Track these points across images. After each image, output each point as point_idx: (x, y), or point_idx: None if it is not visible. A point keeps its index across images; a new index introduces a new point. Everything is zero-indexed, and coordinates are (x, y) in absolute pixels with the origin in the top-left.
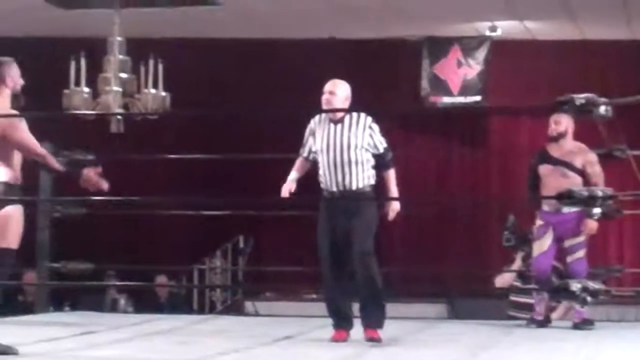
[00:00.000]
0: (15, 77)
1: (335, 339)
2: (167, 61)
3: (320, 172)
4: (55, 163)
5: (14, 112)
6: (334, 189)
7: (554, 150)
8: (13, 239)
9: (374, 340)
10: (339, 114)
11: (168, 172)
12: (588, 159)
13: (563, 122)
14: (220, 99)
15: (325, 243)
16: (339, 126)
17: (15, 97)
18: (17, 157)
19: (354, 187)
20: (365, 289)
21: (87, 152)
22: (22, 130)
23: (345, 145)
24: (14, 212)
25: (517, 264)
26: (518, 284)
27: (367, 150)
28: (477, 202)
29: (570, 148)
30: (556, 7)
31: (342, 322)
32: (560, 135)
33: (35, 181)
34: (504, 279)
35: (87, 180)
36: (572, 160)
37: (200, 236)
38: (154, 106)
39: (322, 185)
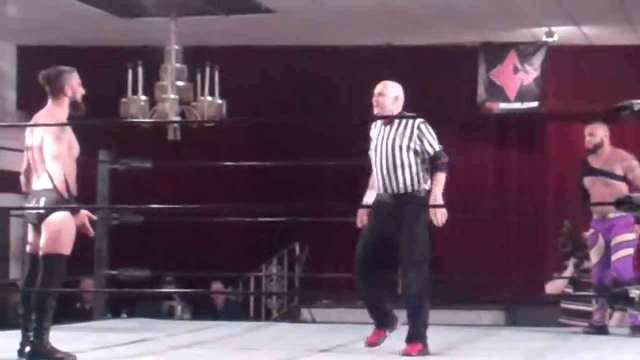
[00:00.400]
0: (75, 86)
1: (368, 343)
2: (223, 69)
3: (373, 174)
4: (61, 188)
5: (61, 121)
6: (382, 191)
7: (594, 162)
8: (66, 246)
9: (406, 355)
10: (380, 114)
11: (225, 180)
12: (628, 165)
13: (598, 134)
14: (276, 107)
15: (360, 245)
16: (388, 128)
17: (74, 106)
18: (69, 166)
19: (401, 191)
20: (405, 304)
21: (145, 160)
22: (60, 143)
23: (391, 147)
24: (66, 220)
25: (570, 271)
26: (570, 290)
27: (416, 152)
28: (534, 209)
29: (609, 157)
30: (614, 12)
31: (377, 323)
32: (597, 147)
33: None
34: (555, 286)
35: (80, 221)
36: (612, 169)
37: (257, 243)
38: (211, 114)
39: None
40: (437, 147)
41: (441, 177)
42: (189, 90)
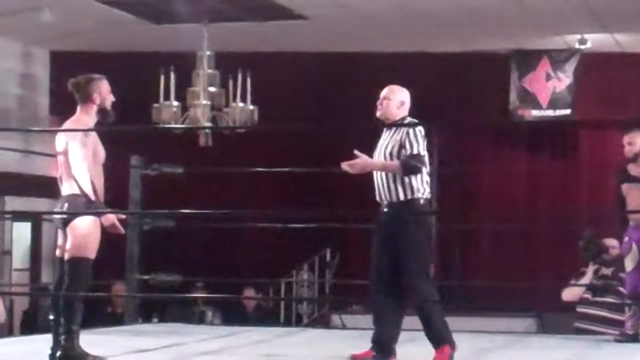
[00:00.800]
0: (104, 93)
1: (352, 357)
2: (255, 75)
3: None
4: (91, 196)
5: (85, 127)
6: (379, 200)
7: (633, 169)
8: (90, 250)
9: None
10: (390, 121)
11: (255, 185)
12: None
13: (637, 142)
14: (307, 113)
15: (372, 266)
16: (386, 134)
17: (103, 113)
18: (95, 171)
19: (394, 200)
20: (418, 315)
21: (176, 165)
22: (79, 148)
23: (383, 154)
24: (91, 224)
25: (589, 277)
26: (588, 296)
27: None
28: (566, 216)
29: None
30: None
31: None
32: (637, 155)
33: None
34: (573, 293)
35: (108, 221)
36: None
37: (287, 249)
38: (242, 119)
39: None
40: (415, 150)
41: (393, 164)
42: (220, 95)
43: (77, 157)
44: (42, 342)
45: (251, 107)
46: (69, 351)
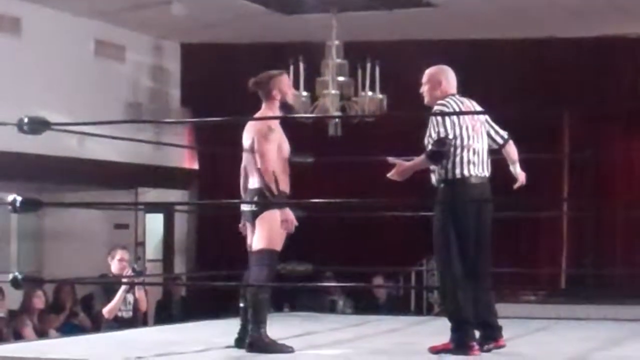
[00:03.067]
0: (284, 88)
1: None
2: (383, 64)
3: None
4: (274, 190)
5: (270, 123)
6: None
7: None
8: (276, 241)
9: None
10: (429, 105)
11: (385, 174)
12: None
13: None
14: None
15: None
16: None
17: (285, 107)
18: (279, 165)
19: (434, 186)
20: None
21: (306, 155)
22: (268, 143)
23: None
24: (276, 216)
25: None
26: None
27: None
28: None
29: None
30: None
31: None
32: None
33: None
34: None
35: (284, 216)
36: None
37: (418, 238)
38: (371, 108)
39: None
40: (435, 134)
41: (421, 160)
42: (349, 85)
43: (262, 152)
44: (174, 332)
45: (380, 96)
46: (257, 340)
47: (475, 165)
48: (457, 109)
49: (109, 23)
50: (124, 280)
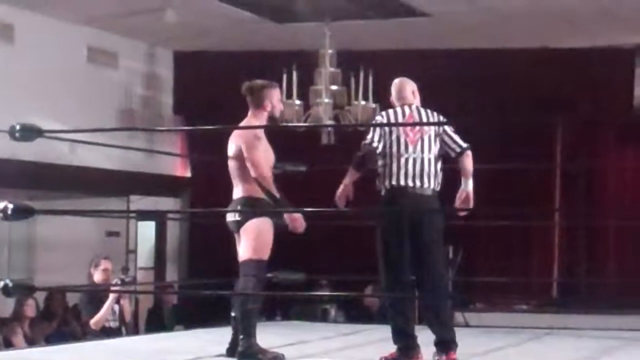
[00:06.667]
0: (275, 102)
1: None
2: (377, 73)
3: None
4: (275, 192)
5: (257, 131)
6: None
7: None
8: (263, 251)
9: None
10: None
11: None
12: None
13: None
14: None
15: None
16: None
17: (271, 121)
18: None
19: None
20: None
21: (299, 163)
22: (258, 150)
23: None
24: (262, 225)
25: None
26: None
27: None
28: None
29: None
30: None
31: None
32: None
33: None
34: None
35: (294, 221)
36: None
37: None
38: (364, 117)
39: None
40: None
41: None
42: (342, 94)
43: (253, 159)
44: (166, 340)
45: (373, 105)
46: (247, 348)
47: (406, 176)
48: (393, 120)
49: (101, 30)
50: (114, 289)
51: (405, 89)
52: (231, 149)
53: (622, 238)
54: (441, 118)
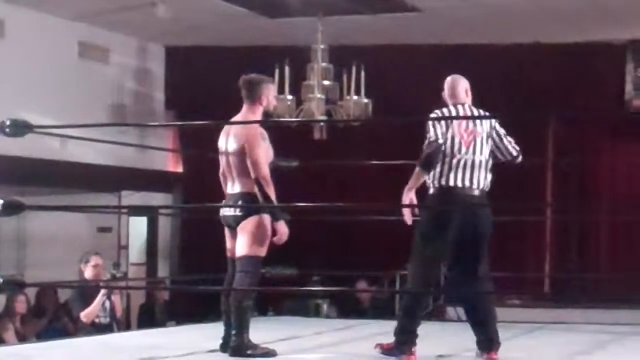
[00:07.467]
0: (270, 98)
1: None
2: (369, 68)
3: None
4: (272, 194)
5: (260, 129)
6: None
7: None
8: (261, 248)
9: None
10: None
11: (370, 179)
12: None
13: None
14: (422, 105)
15: None
16: None
17: (267, 116)
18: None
19: None
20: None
21: (292, 159)
22: (260, 149)
23: None
24: (261, 222)
25: None
26: None
27: None
28: None
29: None
30: None
31: None
32: None
33: None
34: None
35: (281, 234)
36: None
37: (403, 242)
38: (357, 113)
39: None
40: (427, 140)
41: (414, 175)
42: (335, 89)
43: (260, 159)
44: (159, 336)
45: (365, 100)
46: (240, 344)
47: (456, 178)
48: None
49: (93, 25)
50: (106, 285)
51: (459, 87)
52: (231, 145)
53: (614, 233)
54: (494, 121)
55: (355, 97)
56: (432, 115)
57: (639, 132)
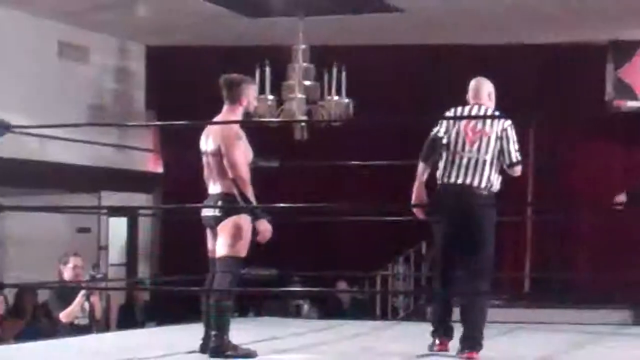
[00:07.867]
0: (251, 98)
1: None
2: (350, 68)
3: None
4: (249, 194)
5: (238, 129)
6: None
7: None
8: (241, 248)
9: None
10: None
11: (351, 179)
12: None
13: None
14: (403, 106)
15: None
16: None
17: (247, 117)
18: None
19: None
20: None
21: (272, 159)
22: (238, 149)
23: None
24: (241, 222)
25: None
26: None
27: None
28: None
29: None
30: None
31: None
32: None
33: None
34: None
35: (263, 226)
36: None
37: (383, 242)
38: (337, 113)
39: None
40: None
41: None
42: (315, 89)
43: (236, 159)
44: (138, 337)
45: (346, 100)
46: (220, 345)
47: (457, 174)
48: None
49: (73, 24)
50: (85, 285)
51: (482, 90)
52: (210, 145)
53: (594, 233)
54: (507, 124)
55: (336, 97)
56: (447, 113)
57: (618, 133)
